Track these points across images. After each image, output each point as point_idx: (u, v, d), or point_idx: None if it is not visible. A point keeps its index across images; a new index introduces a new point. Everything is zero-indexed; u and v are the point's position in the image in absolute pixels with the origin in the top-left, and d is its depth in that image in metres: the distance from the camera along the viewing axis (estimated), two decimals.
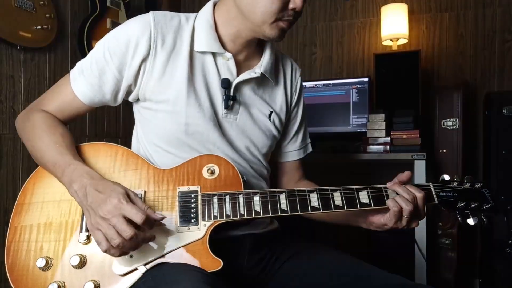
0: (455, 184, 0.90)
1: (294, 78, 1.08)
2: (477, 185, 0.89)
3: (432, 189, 0.89)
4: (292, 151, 1.12)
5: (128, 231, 0.69)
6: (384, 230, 0.89)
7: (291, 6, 0.84)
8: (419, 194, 0.84)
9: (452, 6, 2.38)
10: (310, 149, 1.16)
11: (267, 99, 1.01)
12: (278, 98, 1.03)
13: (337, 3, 2.62)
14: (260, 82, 0.99)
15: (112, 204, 0.71)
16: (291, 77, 1.07)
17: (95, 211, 0.72)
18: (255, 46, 0.98)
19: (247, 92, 0.97)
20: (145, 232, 0.74)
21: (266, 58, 0.98)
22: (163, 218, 0.77)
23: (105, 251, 0.72)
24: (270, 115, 1.00)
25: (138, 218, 0.70)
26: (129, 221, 0.71)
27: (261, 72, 0.96)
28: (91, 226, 0.73)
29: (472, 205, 0.88)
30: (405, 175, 0.88)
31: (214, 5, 0.95)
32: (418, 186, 0.88)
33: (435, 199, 0.89)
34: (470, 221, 0.87)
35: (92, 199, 0.74)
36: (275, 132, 1.02)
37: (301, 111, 1.11)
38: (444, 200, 0.89)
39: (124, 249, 0.72)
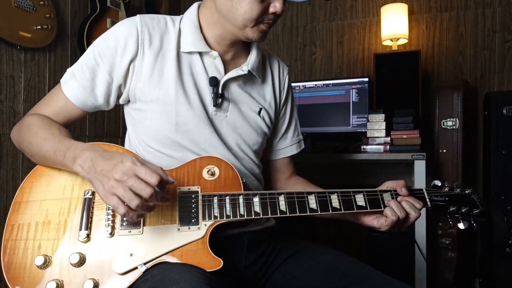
0: (446, 189, 0.94)
1: (282, 76, 1.11)
2: (467, 191, 0.93)
3: (425, 193, 0.93)
4: (284, 148, 1.13)
5: (147, 189, 0.69)
6: (373, 229, 0.93)
7: (271, 10, 0.87)
8: (419, 205, 0.90)
9: (452, 6, 2.38)
10: (303, 146, 1.18)
11: (255, 97, 1.03)
12: (267, 95, 1.06)
13: (337, 3, 2.62)
14: (248, 80, 1.02)
15: (126, 167, 0.70)
16: (278, 75, 1.10)
17: (108, 176, 0.71)
18: (242, 45, 1.00)
19: (236, 90, 0.99)
20: (162, 191, 0.73)
21: (253, 56, 1.00)
22: (173, 182, 0.76)
23: (124, 215, 0.71)
24: (259, 112, 1.02)
25: (153, 179, 0.69)
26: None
27: (248, 70, 0.98)
28: (105, 192, 0.71)
29: (463, 210, 0.92)
30: (404, 192, 0.91)
31: (199, 7, 0.98)
32: (410, 190, 0.92)
33: (428, 203, 0.92)
34: (461, 225, 0.91)
35: (102, 167, 0.73)
36: (265, 128, 1.04)
37: (290, 108, 1.13)
38: (437, 204, 0.92)
39: (143, 209, 0.71)
